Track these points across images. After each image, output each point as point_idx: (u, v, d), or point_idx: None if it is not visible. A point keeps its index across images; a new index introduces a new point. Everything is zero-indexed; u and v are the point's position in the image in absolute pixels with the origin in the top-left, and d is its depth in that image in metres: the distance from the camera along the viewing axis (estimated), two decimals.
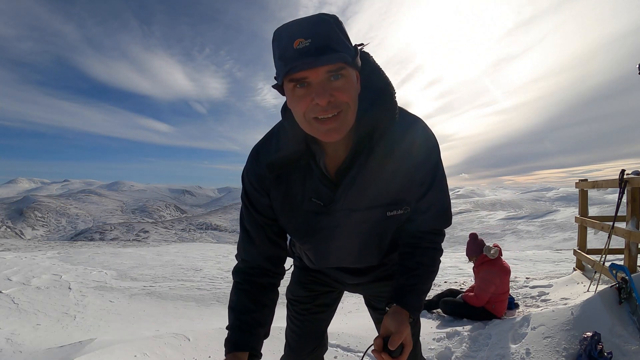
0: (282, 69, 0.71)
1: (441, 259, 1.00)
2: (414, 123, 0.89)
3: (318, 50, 0.68)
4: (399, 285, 0.93)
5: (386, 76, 0.86)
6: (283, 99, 0.81)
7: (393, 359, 0.80)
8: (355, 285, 1.23)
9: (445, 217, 0.97)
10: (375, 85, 0.85)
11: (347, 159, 0.86)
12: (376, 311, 1.28)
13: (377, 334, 1.24)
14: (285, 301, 1.32)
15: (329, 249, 1.03)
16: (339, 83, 0.72)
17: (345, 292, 1.33)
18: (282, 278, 1.05)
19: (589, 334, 2.08)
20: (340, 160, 0.87)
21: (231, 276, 1.02)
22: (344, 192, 0.88)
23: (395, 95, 0.85)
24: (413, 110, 0.90)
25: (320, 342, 1.31)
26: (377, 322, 1.30)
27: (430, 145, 0.89)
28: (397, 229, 0.99)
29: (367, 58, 0.86)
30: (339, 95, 0.72)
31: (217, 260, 8.22)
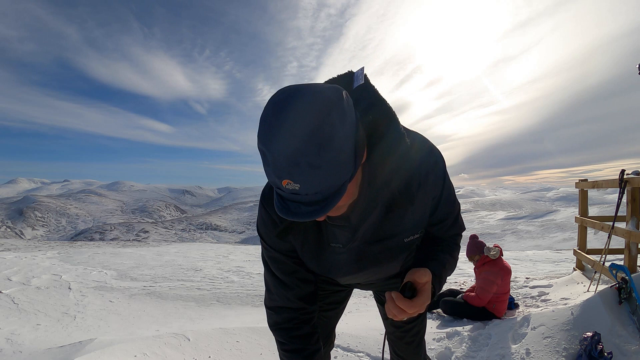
0: (275, 200, 0.66)
1: None
2: (417, 143, 0.87)
3: (310, 203, 0.62)
4: (419, 257, 0.91)
5: (389, 107, 0.79)
6: None
7: (405, 299, 0.74)
8: (367, 285, 1.24)
9: (458, 225, 0.99)
10: (380, 122, 0.77)
11: (364, 206, 0.83)
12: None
13: (377, 334, 1.24)
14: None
15: (348, 276, 1.05)
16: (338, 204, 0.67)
17: None
18: (317, 309, 1.09)
19: (589, 334, 2.08)
20: (355, 204, 0.81)
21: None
22: (362, 232, 0.88)
23: (400, 124, 0.79)
24: (412, 110, 0.90)
25: (329, 339, 1.33)
26: (385, 318, 1.31)
27: (434, 159, 0.89)
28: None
29: (367, 92, 0.78)
30: (338, 211, 0.72)
31: (217, 260, 8.22)
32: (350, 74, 0.80)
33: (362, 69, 0.79)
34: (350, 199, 0.75)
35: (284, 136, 0.56)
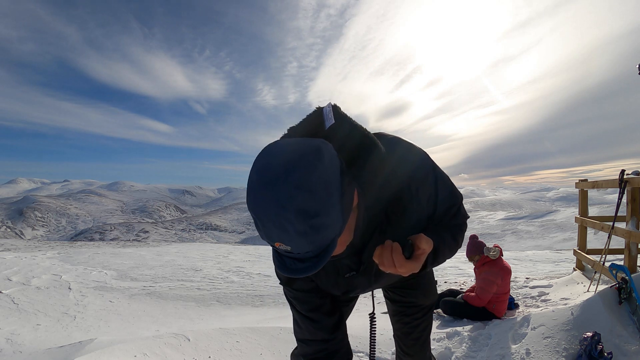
0: (273, 255, 0.71)
1: None
2: (399, 156, 0.87)
3: (305, 260, 0.65)
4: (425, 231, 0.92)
5: (366, 134, 0.80)
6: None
7: (401, 254, 0.75)
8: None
9: (460, 215, 0.99)
10: (361, 152, 0.79)
11: (363, 232, 0.84)
12: (395, 304, 1.31)
13: (377, 335, 1.25)
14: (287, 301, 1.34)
15: (365, 290, 1.10)
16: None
17: None
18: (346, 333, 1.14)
19: (589, 334, 2.08)
20: (357, 231, 0.84)
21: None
22: (368, 251, 0.91)
23: (377, 143, 0.80)
24: (412, 110, 0.90)
25: None
26: (394, 315, 1.33)
27: (423, 168, 0.89)
28: None
29: (341, 128, 0.78)
30: (337, 252, 0.73)
31: (217, 260, 8.23)
32: (319, 113, 0.79)
33: (329, 105, 0.79)
34: (347, 242, 0.77)
35: (270, 206, 0.59)
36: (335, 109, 0.78)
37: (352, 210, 0.71)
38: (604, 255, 3.24)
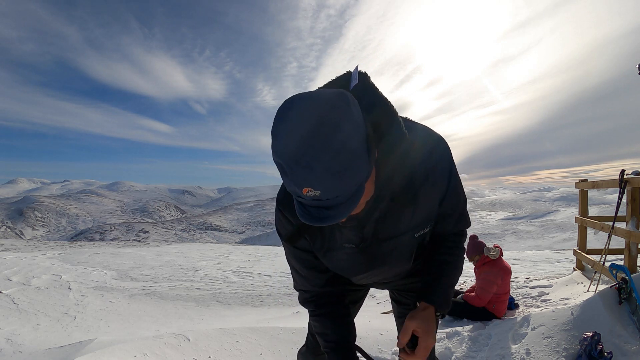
0: (297, 208, 0.68)
1: None
2: (421, 139, 0.87)
3: (332, 207, 0.63)
4: (426, 283, 0.97)
5: (389, 104, 0.79)
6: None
7: (410, 356, 0.85)
8: (383, 284, 1.26)
9: (464, 220, 1.00)
10: (380, 121, 0.77)
11: (370, 202, 0.84)
12: (400, 305, 1.30)
13: (378, 335, 1.25)
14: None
15: (361, 275, 1.09)
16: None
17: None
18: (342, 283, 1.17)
19: (589, 334, 2.08)
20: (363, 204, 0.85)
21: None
22: (371, 229, 0.91)
23: (400, 121, 0.79)
24: (412, 110, 0.89)
25: None
26: (399, 317, 1.32)
27: (439, 154, 0.88)
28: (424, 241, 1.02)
29: (365, 90, 0.77)
30: (357, 209, 0.74)
31: (217, 260, 8.23)
32: (348, 75, 0.80)
33: (357, 68, 0.79)
34: (368, 197, 0.76)
35: (298, 146, 0.57)
36: (363, 74, 0.78)
37: (373, 159, 0.70)
38: (604, 255, 3.24)
